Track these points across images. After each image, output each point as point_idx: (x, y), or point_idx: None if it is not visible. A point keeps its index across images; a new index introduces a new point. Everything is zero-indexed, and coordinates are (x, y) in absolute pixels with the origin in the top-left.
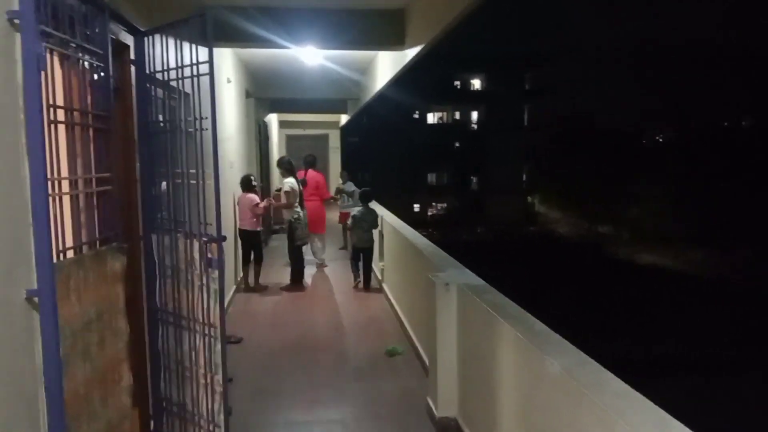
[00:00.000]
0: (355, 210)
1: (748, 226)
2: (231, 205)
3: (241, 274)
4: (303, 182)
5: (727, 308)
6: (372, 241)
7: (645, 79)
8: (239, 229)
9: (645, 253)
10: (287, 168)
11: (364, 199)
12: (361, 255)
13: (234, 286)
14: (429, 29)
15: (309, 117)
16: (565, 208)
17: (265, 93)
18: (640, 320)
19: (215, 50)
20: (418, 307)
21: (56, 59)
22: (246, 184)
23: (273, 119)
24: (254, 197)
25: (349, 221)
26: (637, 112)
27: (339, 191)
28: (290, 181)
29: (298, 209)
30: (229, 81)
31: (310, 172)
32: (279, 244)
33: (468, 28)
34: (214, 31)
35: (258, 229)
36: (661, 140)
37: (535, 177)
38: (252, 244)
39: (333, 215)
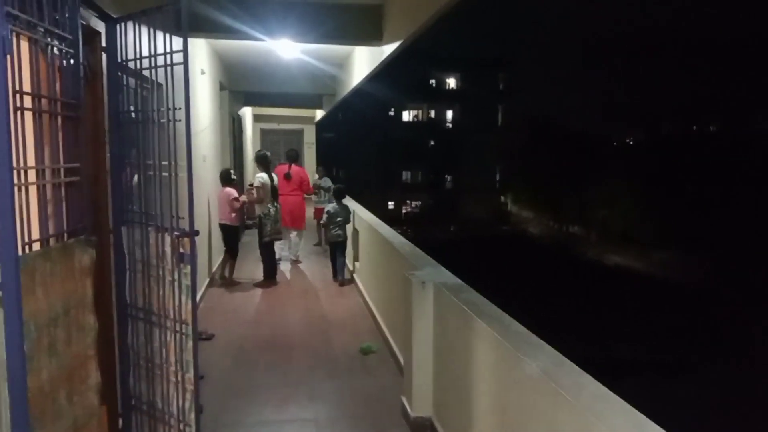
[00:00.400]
0: (329, 206)
1: (717, 227)
2: (204, 198)
3: (215, 267)
4: (287, 176)
5: (700, 309)
6: (345, 236)
7: (621, 81)
8: (219, 223)
9: (611, 253)
10: (261, 162)
11: (338, 195)
12: (335, 250)
13: (207, 280)
14: (407, 25)
15: (284, 111)
16: (537, 208)
17: (240, 86)
18: (611, 320)
19: (189, 40)
20: (393, 305)
21: (23, 43)
22: (225, 178)
23: (247, 113)
24: (232, 191)
25: (324, 217)
26: (610, 113)
27: (317, 187)
28: (262, 176)
29: (269, 205)
30: (203, 72)
31: (294, 167)
32: (251, 239)
33: (445, 26)
34: (187, 21)
35: (236, 224)
36: (630, 142)
37: (508, 176)
38: (228, 238)
39: (308, 211)
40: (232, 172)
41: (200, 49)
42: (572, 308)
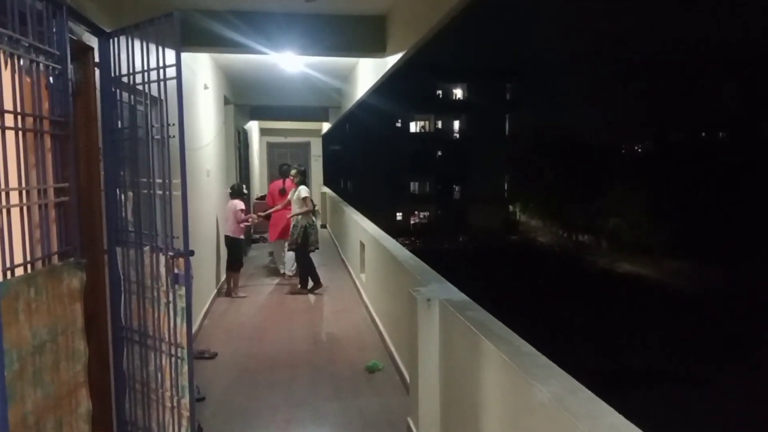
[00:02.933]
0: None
1: (727, 235)
2: (211, 212)
3: (222, 279)
4: (282, 192)
5: (724, 322)
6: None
7: (623, 91)
8: (225, 235)
9: (626, 263)
10: (302, 175)
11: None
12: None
13: (214, 292)
14: (410, 36)
15: (290, 125)
16: (545, 217)
17: (245, 100)
18: (627, 334)
19: (191, 55)
20: (399, 322)
21: (5, 59)
22: (238, 192)
23: (254, 126)
24: (239, 203)
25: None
26: (614, 122)
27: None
28: (306, 189)
29: (313, 216)
30: (206, 87)
31: (288, 182)
32: (258, 253)
33: (448, 36)
34: (187, 35)
35: (241, 237)
36: (639, 150)
37: (514, 186)
38: (232, 250)
39: None
40: (244, 186)
41: (203, 64)
42: (586, 322)
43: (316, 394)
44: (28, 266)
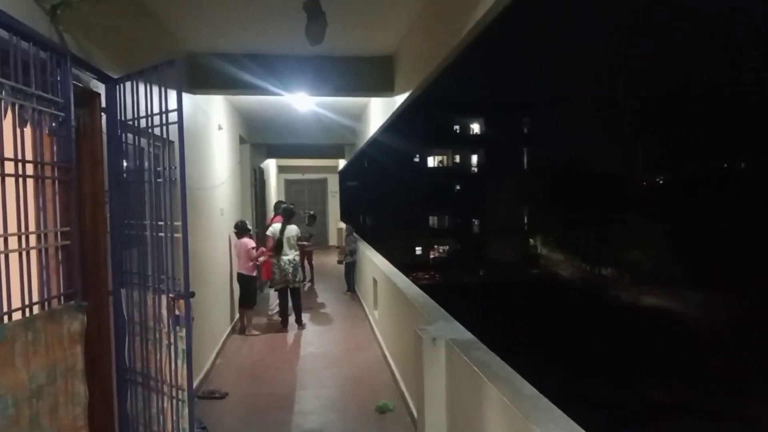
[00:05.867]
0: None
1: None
2: (225, 250)
3: (237, 317)
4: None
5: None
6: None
7: (631, 123)
8: (237, 273)
9: (648, 295)
10: (287, 213)
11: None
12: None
13: (228, 329)
14: (416, 75)
15: (307, 162)
16: (566, 251)
17: (260, 139)
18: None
19: (205, 97)
20: (409, 360)
21: (7, 108)
22: (242, 229)
23: (271, 164)
24: (249, 241)
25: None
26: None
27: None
28: (271, 228)
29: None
30: (220, 128)
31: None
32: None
33: (454, 72)
34: (201, 77)
35: (254, 274)
36: (660, 182)
37: (521, 220)
38: (245, 288)
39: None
40: (246, 222)
41: (219, 105)
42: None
43: None
44: (27, 310)
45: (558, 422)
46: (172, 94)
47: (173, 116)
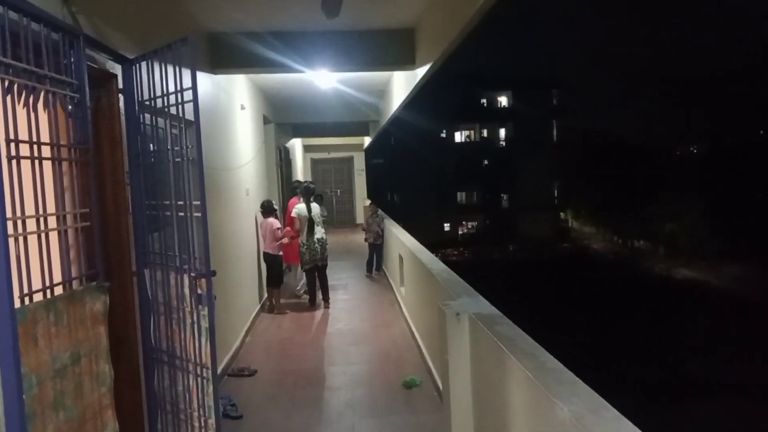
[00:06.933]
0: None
1: None
2: (251, 230)
3: (265, 295)
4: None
5: None
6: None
7: (673, 90)
8: (263, 252)
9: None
10: (306, 191)
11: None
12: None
13: (257, 308)
14: (437, 46)
15: (332, 140)
16: (597, 225)
17: (284, 118)
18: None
19: (227, 77)
20: (434, 336)
21: (21, 91)
22: (268, 209)
23: (297, 144)
24: (275, 222)
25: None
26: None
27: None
28: (296, 208)
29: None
30: (243, 108)
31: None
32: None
33: (476, 42)
34: (223, 56)
35: (279, 253)
36: (695, 151)
37: (551, 195)
38: (272, 267)
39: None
40: (273, 202)
41: (241, 85)
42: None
43: (353, 412)
44: (48, 291)
45: (582, 396)
46: (187, 73)
47: (189, 95)
